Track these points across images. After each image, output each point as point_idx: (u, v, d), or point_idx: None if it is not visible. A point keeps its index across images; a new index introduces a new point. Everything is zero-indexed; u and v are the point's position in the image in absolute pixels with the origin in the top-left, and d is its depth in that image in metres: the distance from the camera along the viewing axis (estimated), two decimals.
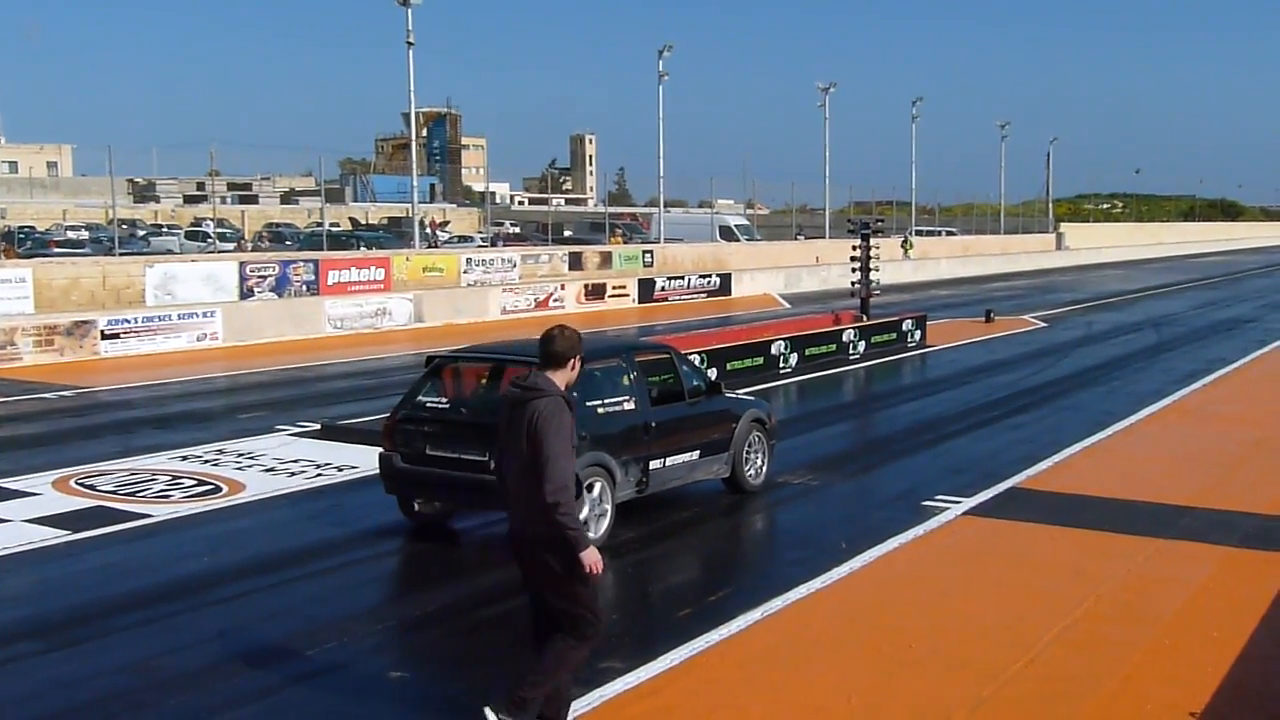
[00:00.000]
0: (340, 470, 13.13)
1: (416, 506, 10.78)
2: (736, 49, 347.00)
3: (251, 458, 13.81)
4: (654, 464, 10.68)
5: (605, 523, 10.13)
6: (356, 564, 9.95)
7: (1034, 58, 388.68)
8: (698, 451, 11.22)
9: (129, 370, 22.25)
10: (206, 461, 13.59)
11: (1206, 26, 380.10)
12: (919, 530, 10.43)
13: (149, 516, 11.19)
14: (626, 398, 10.61)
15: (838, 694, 6.89)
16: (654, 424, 10.67)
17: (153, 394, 19.54)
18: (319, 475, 12.94)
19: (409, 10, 36.49)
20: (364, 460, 13.46)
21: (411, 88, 37.80)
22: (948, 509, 11.19)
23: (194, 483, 12.53)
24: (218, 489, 12.28)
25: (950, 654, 7.50)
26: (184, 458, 13.80)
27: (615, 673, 7.19)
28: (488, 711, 5.96)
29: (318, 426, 15.62)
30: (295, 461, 13.57)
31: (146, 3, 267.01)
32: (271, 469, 13.23)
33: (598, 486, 10.04)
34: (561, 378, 6.10)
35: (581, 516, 9.66)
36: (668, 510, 11.09)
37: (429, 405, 10.63)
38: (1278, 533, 10.27)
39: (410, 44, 37.00)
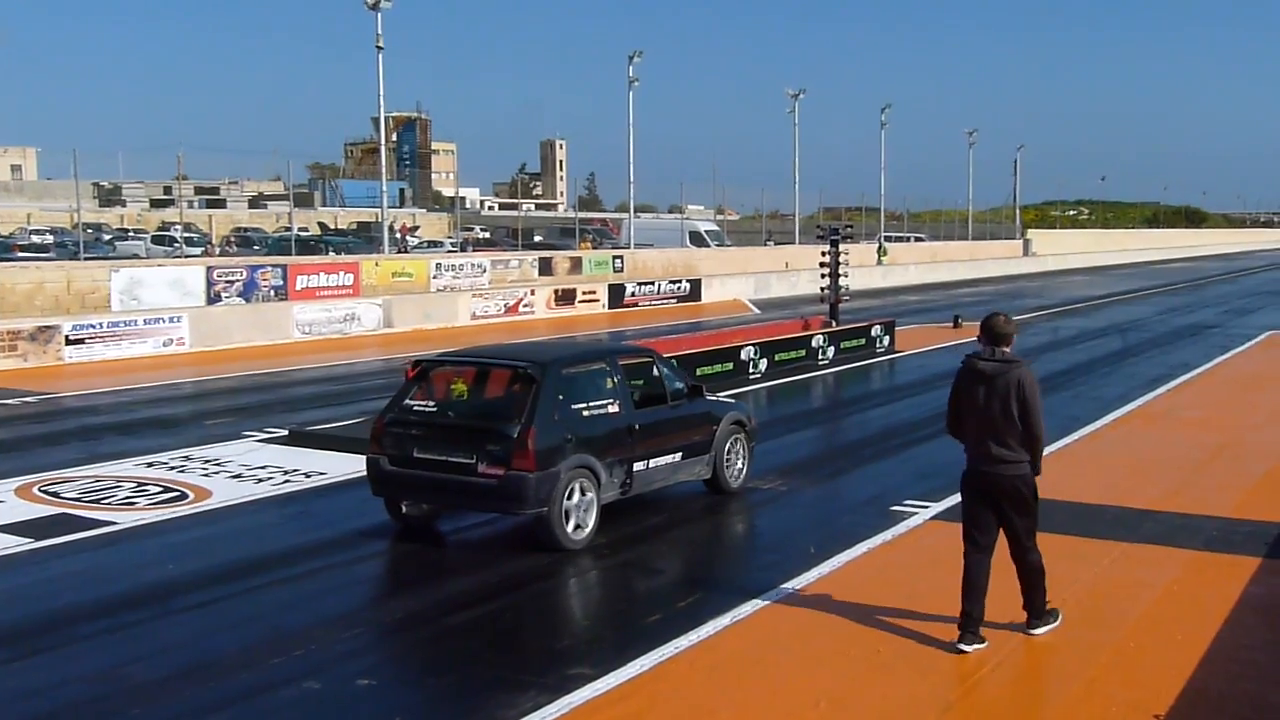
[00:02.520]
0: (308, 476, 13.06)
1: (404, 508, 10.82)
2: (707, 55, 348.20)
3: (218, 464, 13.71)
4: (638, 465, 10.80)
5: (590, 524, 10.24)
6: (324, 571, 9.90)
7: (1001, 66, 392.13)
8: (680, 453, 11.35)
9: (94, 376, 22.06)
10: (172, 468, 13.49)
11: (1171, 36, 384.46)
12: (887, 535, 10.48)
13: (114, 524, 11.09)
14: (611, 400, 10.73)
15: (807, 698, 6.91)
16: (637, 426, 10.80)
17: (118, 400, 19.38)
18: (287, 481, 12.86)
19: (379, 14, 36.37)
20: (332, 466, 13.42)
21: (381, 92, 37.72)
22: (916, 514, 11.24)
23: (160, 489, 12.43)
24: (184, 496, 12.18)
25: (918, 658, 7.54)
26: (150, 464, 13.69)
27: (585, 679, 7.19)
28: (1033, 631, 7.78)
29: (285, 432, 15.53)
30: (263, 468, 13.49)
31: (113, 5, 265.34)
32: (239, 475, 13.14)
33: (583, 488, 10.14)
34: (1010, 350, 7.76)
35: (565, 511, 9.95)
36: (638, 515, 11.08)
37: (416, 408, 10.69)
38: (1241, 536, 10.37)
39: (380, 48, 36.87)
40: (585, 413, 10.47)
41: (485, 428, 10.19)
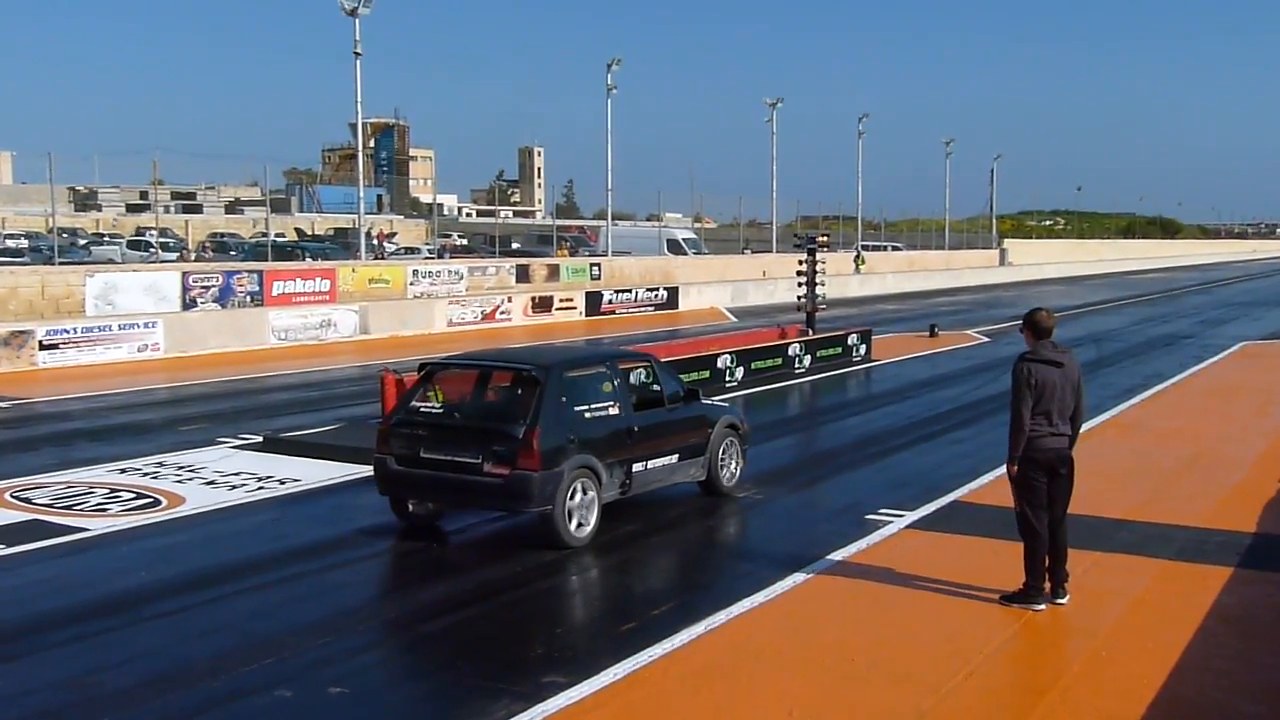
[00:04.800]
0: (283, 483, 12.99)
1: (410, 507, 11.02)
2: (685, 64, 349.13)
3: (192, 470, 13.63)
4: (637, 466, 11.10)
5: (591, 523, 10.50)
6: (298, 578, 9.85)
7: (979, 77, 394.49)
8: (677, 455, 11.66)
9: (68, 381, 21.91)
10: (146, 474, 13.40)
11: (1147, 48, 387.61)
12: (862, 544, 10.48)
13: (86, 530, 11.01)
14: (611, 403, 11.02)
15: (779, 707, 6.91)
16: (636, 428, 11.09)
17: (92, 405, 19.25)
18: (261, 488, 12.79)
19: (357, 21, 36.30)
20: (307, 473, 13.37)
21: (359, 98, 37.58)
22: (890, 522, 11.27)
23: (133, 496, 12.35)
24: (157, 502, 12.11)
25: (891, 667, 7.55)
26: (123, 470, 13.59)
27: (557, 687, 7.18)
28: (1064, 601, 8.64)
29: (260, 439, 15.45)
30: (237, 474, 13.42)
31: (90, 8, 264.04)
32: (212, 482, 13.06)
33: (586, 488, 10.40)
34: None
35: (568, 510, 10.27)
36: (614, 523, 11.05)
37: (423, 410, 10.98)
38: (1213, 546, 10.43)
39: (358, 54, 36.79)
40: (587, 415, 10.76)
41: (491, 428, 10.47)
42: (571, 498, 10.28)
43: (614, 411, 10.99)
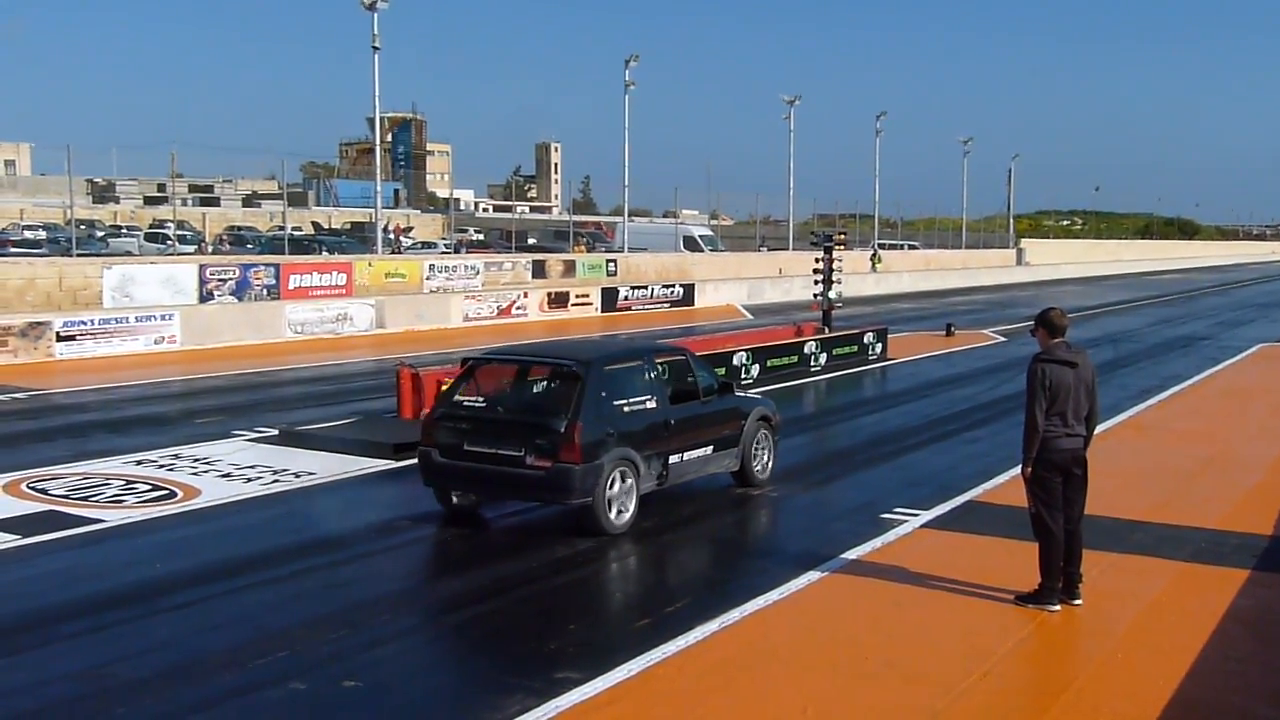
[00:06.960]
0: (298, 476, 13.02)
1: (454, 498, 11.22)
2: (703, 60, 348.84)
3: (208, 463, 13.67)
4: (673, 458, 11.35)
5: (629, 512, 10.74)
6: (311, 571, 9.86)
7: (997, 75, 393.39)
8: (711, 446, 11.90)
9: (84, 373, 22.00)
10: (162, 466, 13.45)
11: (1166, 49, 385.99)
12: (877, 542, 10.47)
13: (101, 521, 11.05)
14: (649, 396, 11.27)
15: (794, 705, 6.90)
16: (673, 421, 11.33)
17: (108, 397, 19.33)
18: (276, 481, 12.82)
19: (375, 14, 36.33)
20: (322, 466, 13.39)
21: (376, 92, 37.58)
22: (906, 521, 11.25)
23: (148, 488, 12.39)
24: (172, 494, 12.15)
25: (906, 666, 7.53)
26: (139, 462, 13.64)
27: (572, 683, 7.18)
28: (1079, 602, 8.59)
29: (276, 432, 15.49)
30: (252, 467, 13.45)
31: (109, 1, 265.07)
32: (228, 474, 13.10)
33: (625, 478, 10.65)
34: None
35: (608, 500, 10.52)
36: None
37: (466, 404, 11.21)
38: (1229, 548, 10.38)
39: (376, 48, 36.81)
40: (626, 408, 10.97)
41: (533, 422, 10.69)
42: (610, 488, 10.51)
43: (651, 405, 11.22)
